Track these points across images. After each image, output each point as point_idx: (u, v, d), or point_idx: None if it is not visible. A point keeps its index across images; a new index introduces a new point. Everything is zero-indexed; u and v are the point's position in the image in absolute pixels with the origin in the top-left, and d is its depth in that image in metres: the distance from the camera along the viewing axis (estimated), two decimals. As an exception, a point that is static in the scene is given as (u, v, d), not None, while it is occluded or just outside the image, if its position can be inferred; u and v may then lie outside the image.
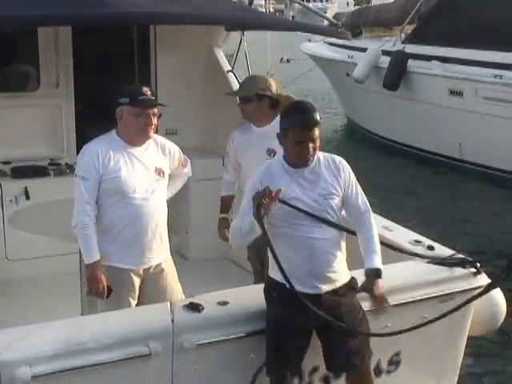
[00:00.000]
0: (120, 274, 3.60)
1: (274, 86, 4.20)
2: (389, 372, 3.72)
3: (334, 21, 4.94)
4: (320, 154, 3.28)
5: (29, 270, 5.08)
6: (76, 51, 5.54)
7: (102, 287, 3.55)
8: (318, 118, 3.21)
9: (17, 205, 5.14)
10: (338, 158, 3.34)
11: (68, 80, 5.51)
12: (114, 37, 5.82)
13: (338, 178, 3.26)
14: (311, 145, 3.17)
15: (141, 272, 3.66)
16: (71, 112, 5.55)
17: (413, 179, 12.14)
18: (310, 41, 17.65)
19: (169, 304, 3.20)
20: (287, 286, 3.09)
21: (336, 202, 3.24)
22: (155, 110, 3.61)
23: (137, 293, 3.65)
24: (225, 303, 3.20)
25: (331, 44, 16.13)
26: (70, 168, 5.41)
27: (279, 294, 3.20)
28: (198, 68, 5.84)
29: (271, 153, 4.05)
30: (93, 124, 5.55)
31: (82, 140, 5.56)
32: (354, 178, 3.33)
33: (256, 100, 4.14)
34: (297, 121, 3.16)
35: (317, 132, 3.18)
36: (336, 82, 16.31)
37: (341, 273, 3.30)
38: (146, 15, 4.14)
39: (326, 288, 3.23)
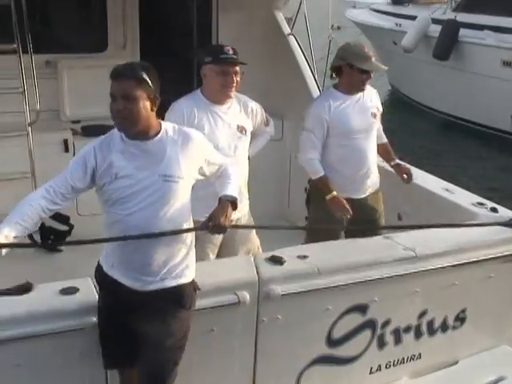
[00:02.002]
0: None
1: None
2: (455, 328, 3.86)
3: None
4: (169, 126, 2.83)
5: (99, 225, 5.27)
6: (141, 13, 5.65)
7: None
8: (131, 72, 2.69)
9: None
10: (189, 131, 2.89)
11: (134, 41, 5.65)
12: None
13: (186, 155, 2.80)
14: (121, 101, 2.67)
15: None
16: (137, 73, 5.68)
17: (462, 151, 12.08)
18: (354, 7, 17.45)
19: (252, 257, 3.37)
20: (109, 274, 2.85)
21: (181, 185, 2.78)
22: (236, 68, 3.71)
23: (217, 245, 3.81)
24: (304, 257, 3.36)
25: (377, 11, 15.95)
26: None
27: (101, 281, 2.92)
28: (258, 30, 5.91)
29: (375, 116, 4.23)
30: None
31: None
32: (207, 149, 2.95)
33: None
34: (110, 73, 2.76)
35: (128, 86, 2.66)
36: (382, 50, 16.15)
37: (165, 273, 2.81)
38: None
39: (142, 286, 2.79)
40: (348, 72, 4.15)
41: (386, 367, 3.70)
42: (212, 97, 3.75)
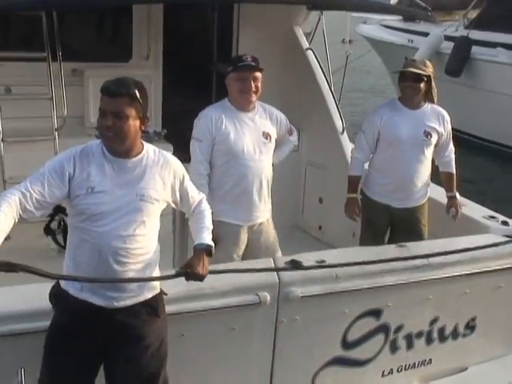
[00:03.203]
0: (228, 228, 3.92)
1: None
2: (464, 335, 4.00)
3: (423, 4, 5.11)
4: (151, 148, 2.87)
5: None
6: (165, 26, 5.84)
7: None
8: (124, 89, 2.72)
9: None
10: (169, 156, 2.92)
11: (157, 52, 5.82)
12: (199, 12, 6.15)
13: (164, 178, 2.85)
14: (111, 118, 2.70)
15: (246, 229, 3.99)
16: (159, 83, 5.86)
17: (472, 168, 12.12)
18: (365, 23, 17.57)
19: (272, 260, 3.52)
20: (70, 292, 2.78)
21: (156, 207, 2.81)
22: (255, 74, 3.91)
23: (242, 247, 3.99)
24: (322, 262, 3.50)
25: (388, 27, 16.07)
26: (158, 135, 5.74)
27: (63, 305, 2.82)
28: (278, 45, 6.08)
29: (428, 135, 4.39)
30: (177, 95, 5.92)
31: (167, 109, 5.94)
32: (184, 177, 2.97)
33: (425, 81, 4.34)
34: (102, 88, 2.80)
35: (120, 103, 2.70)
36: (392, 65, 16.21)
37: (141, 287, 2.82)
38: None
39: (117, 303, 2.77)
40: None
41: (397, 371, 3.83)
42: (236, 103, 3.96)
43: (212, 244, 2.96)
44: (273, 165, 4.17)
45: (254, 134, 3.96)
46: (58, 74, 4.99)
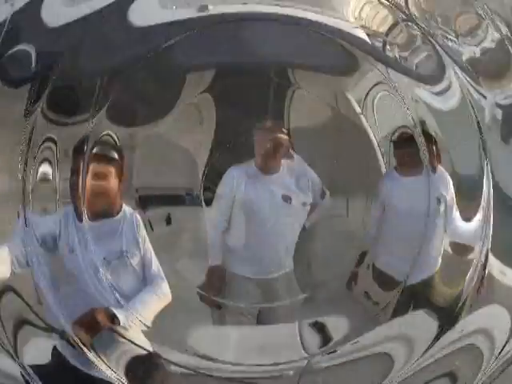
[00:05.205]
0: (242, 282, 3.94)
1: None
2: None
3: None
4: (126, 207, 2.92)
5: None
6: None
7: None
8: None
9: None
10: None
11: (210, 116, 5.98)
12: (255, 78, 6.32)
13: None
14: (102, 182, 2.77)
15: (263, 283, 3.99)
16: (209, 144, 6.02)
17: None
18: None
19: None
20: None
21: (138, 259, 2.91)
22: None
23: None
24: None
25: None
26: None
27: None
28: (330, 108, 6.15)
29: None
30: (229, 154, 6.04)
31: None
32: None
33: None
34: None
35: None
36: None
37: None
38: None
39: None
40: None
41: None
42: (256, 166, 4.02)
43: None
44: (306, 228, 4.17)
45: (273, 196, 3.99)
46: None
